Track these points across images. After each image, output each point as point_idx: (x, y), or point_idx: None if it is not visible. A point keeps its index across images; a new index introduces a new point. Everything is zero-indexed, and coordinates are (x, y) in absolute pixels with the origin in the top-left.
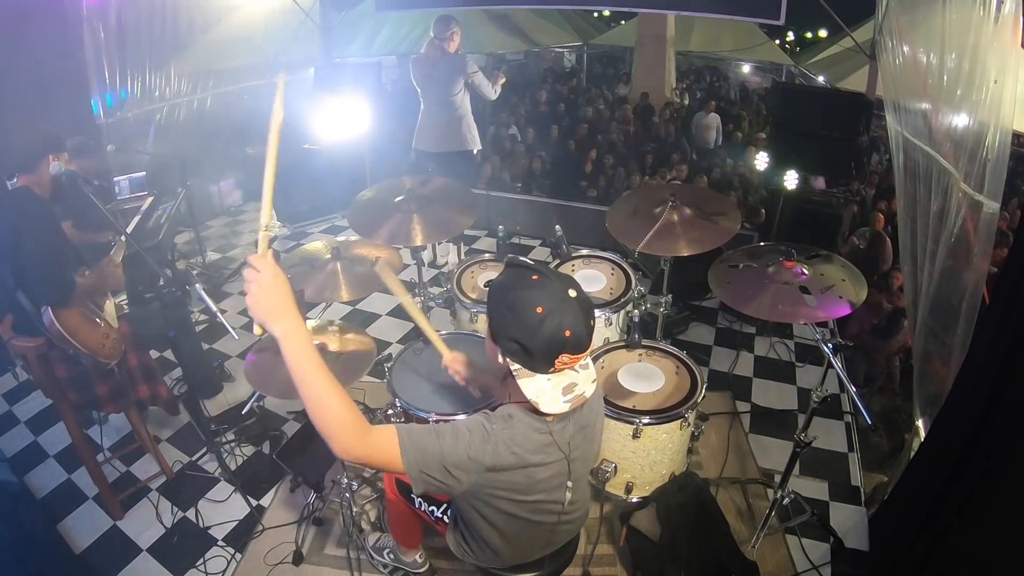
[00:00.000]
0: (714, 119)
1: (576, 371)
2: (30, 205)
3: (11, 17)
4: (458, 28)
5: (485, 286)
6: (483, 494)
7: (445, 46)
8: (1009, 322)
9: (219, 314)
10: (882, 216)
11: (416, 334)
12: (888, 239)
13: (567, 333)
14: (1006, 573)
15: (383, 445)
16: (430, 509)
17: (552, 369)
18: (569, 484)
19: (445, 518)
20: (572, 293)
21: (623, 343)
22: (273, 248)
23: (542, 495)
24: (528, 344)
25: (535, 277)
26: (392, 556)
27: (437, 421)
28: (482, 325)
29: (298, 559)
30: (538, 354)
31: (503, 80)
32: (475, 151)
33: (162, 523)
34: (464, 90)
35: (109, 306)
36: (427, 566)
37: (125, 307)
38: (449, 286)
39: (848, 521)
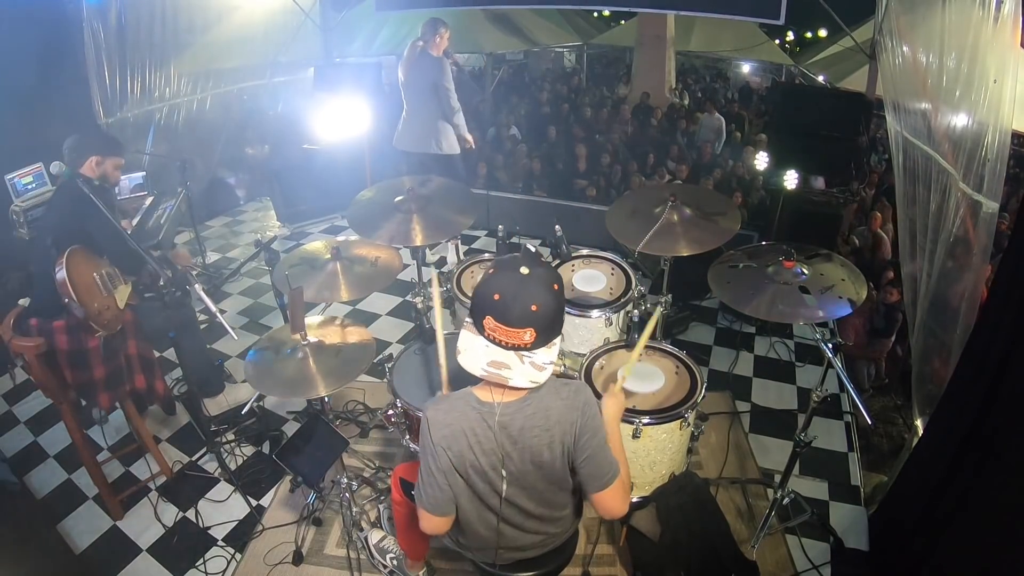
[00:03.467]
0: (719, 120)
1: (521, 361)
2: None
3: (11, 17)
4: (447, 32)
5: None
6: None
7: (428, 48)
8: (1005, 321)
9: (218, 314)
10: (881, 216)
11: (415, 334)
12: (887, 239)
13: (495, 296)
14: (1005, 571)
15: None
16: None
17: (486, 333)
18: (504, 474)
19: None
20: (525, 271)
21: (623, 343)
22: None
23: (478, 475)
24: (472, 298)
25: (505, 258)
26: (396, 563)
27: None
28: None
29: (298, 559)
30: (473, 308)
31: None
32: (450, 156)
33: (162, 523)
34: (441, 94)
35: (123, 290)
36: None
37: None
38: (449, 286)
39: (848, 521)
